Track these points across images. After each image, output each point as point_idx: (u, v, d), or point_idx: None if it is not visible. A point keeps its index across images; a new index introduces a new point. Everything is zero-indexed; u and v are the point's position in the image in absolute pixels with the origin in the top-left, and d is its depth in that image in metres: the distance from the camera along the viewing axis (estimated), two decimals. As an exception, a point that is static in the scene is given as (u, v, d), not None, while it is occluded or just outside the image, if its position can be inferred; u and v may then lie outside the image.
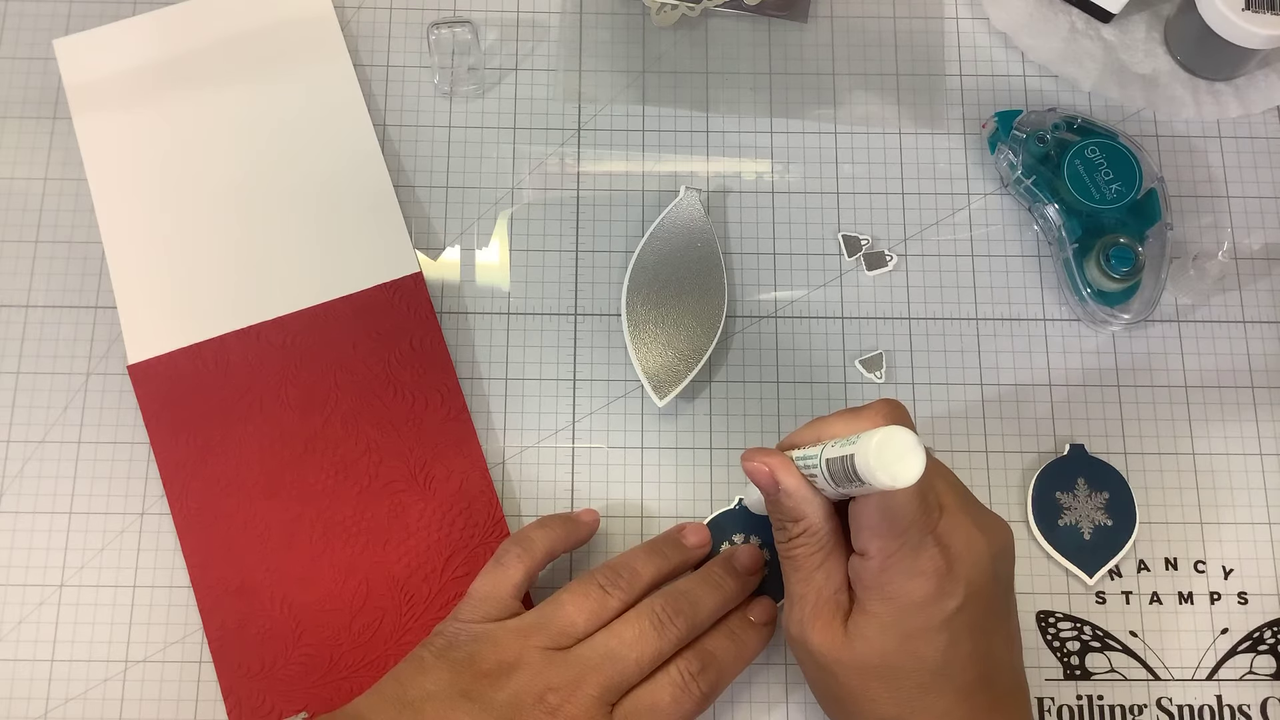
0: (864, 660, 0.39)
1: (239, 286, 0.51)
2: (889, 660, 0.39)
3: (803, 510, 0.41)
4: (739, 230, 0.53)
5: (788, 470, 0.41)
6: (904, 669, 0.39)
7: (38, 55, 0.54)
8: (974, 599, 0.39)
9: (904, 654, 0.39)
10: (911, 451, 0.34)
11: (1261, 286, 0.53)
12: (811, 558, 0.41)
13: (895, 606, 0.39)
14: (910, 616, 0.39)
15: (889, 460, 0.34)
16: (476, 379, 0.51)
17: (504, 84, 0.55)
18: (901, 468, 0.34)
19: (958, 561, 0.39)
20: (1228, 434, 0.51)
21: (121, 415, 0.50)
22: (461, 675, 0.41)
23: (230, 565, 0.47)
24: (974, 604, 0.39)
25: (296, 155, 0.53)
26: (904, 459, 0.34)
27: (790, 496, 0.41)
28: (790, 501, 0.41)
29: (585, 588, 0.43)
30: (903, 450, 0.34)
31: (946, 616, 0.38)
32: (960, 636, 0.39)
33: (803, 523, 0.41)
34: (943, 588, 0.38)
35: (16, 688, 0.47)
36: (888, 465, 0.34)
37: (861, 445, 0.35)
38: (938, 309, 0.52)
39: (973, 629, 0.39)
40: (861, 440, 0.35)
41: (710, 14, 0.56)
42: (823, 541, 0.41)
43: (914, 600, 0.38)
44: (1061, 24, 0.55)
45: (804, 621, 0.41)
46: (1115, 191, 0.51)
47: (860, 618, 0.40)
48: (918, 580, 0.38)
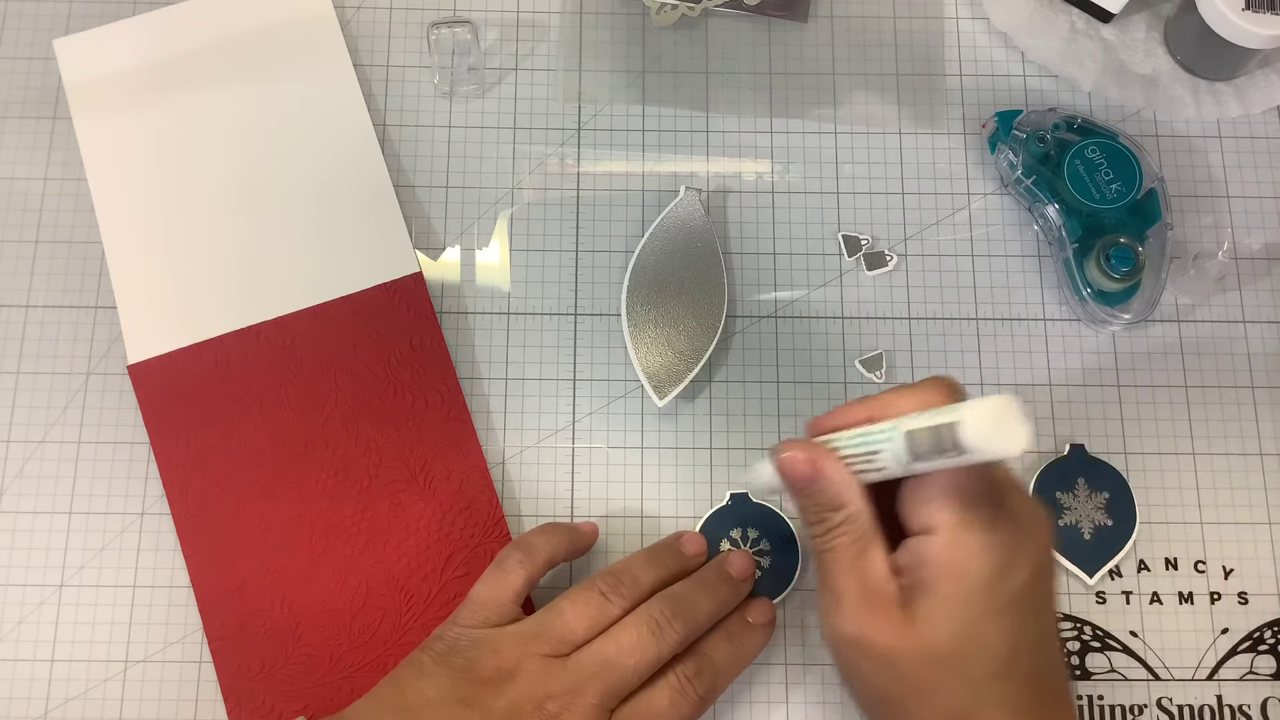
0: (932, 647, 0.37)
1: (239, 286, 0.51)
2: (959, 645, 0.37)
3: (844, 497, 0.39)
4: (739, 230, 0.53)
5: (829, 457, 0.39)
6: (973, 655, 0.37)
7: (38, 55, 0.54)
8: (1036, 576, 0.38)
9: (974, 637, 0.37)
10: (1022, 420, 0.34)
11: (1261, 286, 0.53)
12: (853, 546, 0.39)
13: (965, 585, 0.37)
14: (980, 595, 0.37)
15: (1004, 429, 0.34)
16: (476, 379, 0.51)
17: (504, 84, 0.55)
18: (1014, 437, 0.34)
19: (1026, 535, 0.38)
20: (1228, 434, 0.51)
21: (121, 415, 0.50)
22: (460, 682, 0.41)
23: (230, 565, 0.47)
24: (1036, 582, 0.38)
25: (296, 155, 0.53)
26: (1016, 428, 0.34)
27: (833, 484, 0.39)
28: (832, 489, 0.39)
29: (585, 594, 0.43)
30: (1016, 419, 0.34)
31: (1014, 594, 0.37)
32: (1026, 618, 0.38)
33: (845, 510, 0.39)
34: (1013, 561, 0.37)
35: (16, 688, 0.47)
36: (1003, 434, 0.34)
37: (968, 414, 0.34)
38: (938, 309, 0.52)
39: (1034, 609, 0.38)
40: (967, 409, 0.35)
41: (710, 14, 0.56)
42: (864, 529, 0.39)
43: (984, 576, 0.37)
44: (1061, 24, 0.55)
45: (858, 615, 0.38)
46: (1115, 191, 0.51)
47: (926, 601, 0.38)
48: (990, 554, 0.37)
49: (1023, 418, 0.34)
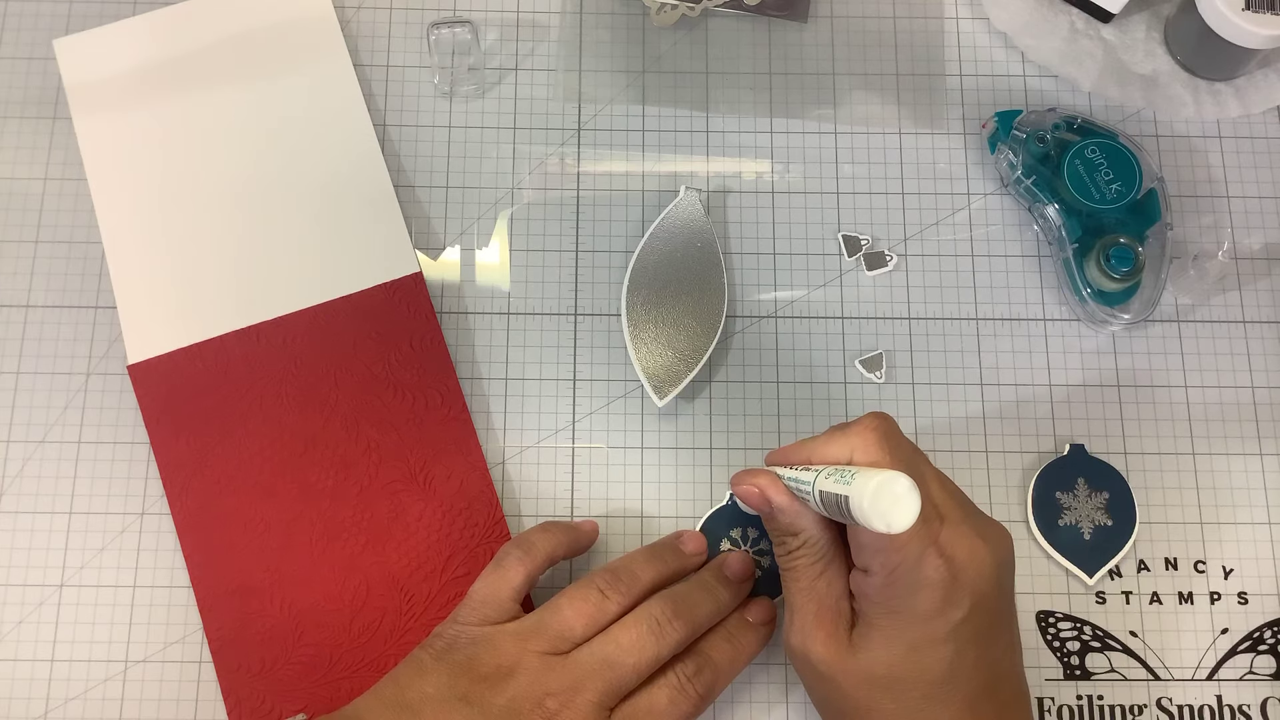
0: (869, 671, 0.39)
1: (239, 286, 0.51)
2: (894, 671, 0.39)
3: (798, 525, 0.41)
4: (739, 230, 0.53)
5: (776, 488, 0.41)
6: (909, 679, 0.39)
7: (38, 55, 0.54)
8: (978, 608, 0.39)
9: (909, 664, 0.39)
10: (906, 498, 0.34)
11: (1261, 286, 0.53)
12: (811, 568, 0.41)
13: (900, 620, 0.39)
14: (915, 628, 0.38)
15: (884, 507, 0.34)
16: (476, 379, 0.51)
17: (504, 84, 0.55)
18: (897, 514, 0.34)
19: (962, 572, 0.38)
20: (1228, 434, 0.51)
21: (121, 415, 0.50)
22: (460, 679, 0.41)
23: (230, 565, 0.47)
24: (978, 613, 0.39)
25: (296, 155, 0.53)
26: (899, 506, 0.34)
27: (784, 513, 0.41)
28: (785, 518, 0.41)
29: (584, 592, 0.43)
30: (897, 497, 0.34)
31: (952, 627, 0.38)
32: (965, 646, 0.39)
33: (800, 536, 0.41)
34: (948, 599, 0.38)
35: (16, 688, 0.47)
36: (883, 512, 0.34)
37: (857, 489, 0.35)
38: (938, 309, 0.52)
39: (977, 638, 0.39)
40: (857, 483, 0.35)
41: (710, 14, 0.56)
42: (822, 552, 0.41)
43: (919, 613, 0.38)
44: (1061, 24, 0.55)
45: (806, 631, 0.41)
46: (1115, 191, 0.51)
47: (864, 630, 0.40)
48: (922, 593, 0.38)
49: (909, 494, 0.34)
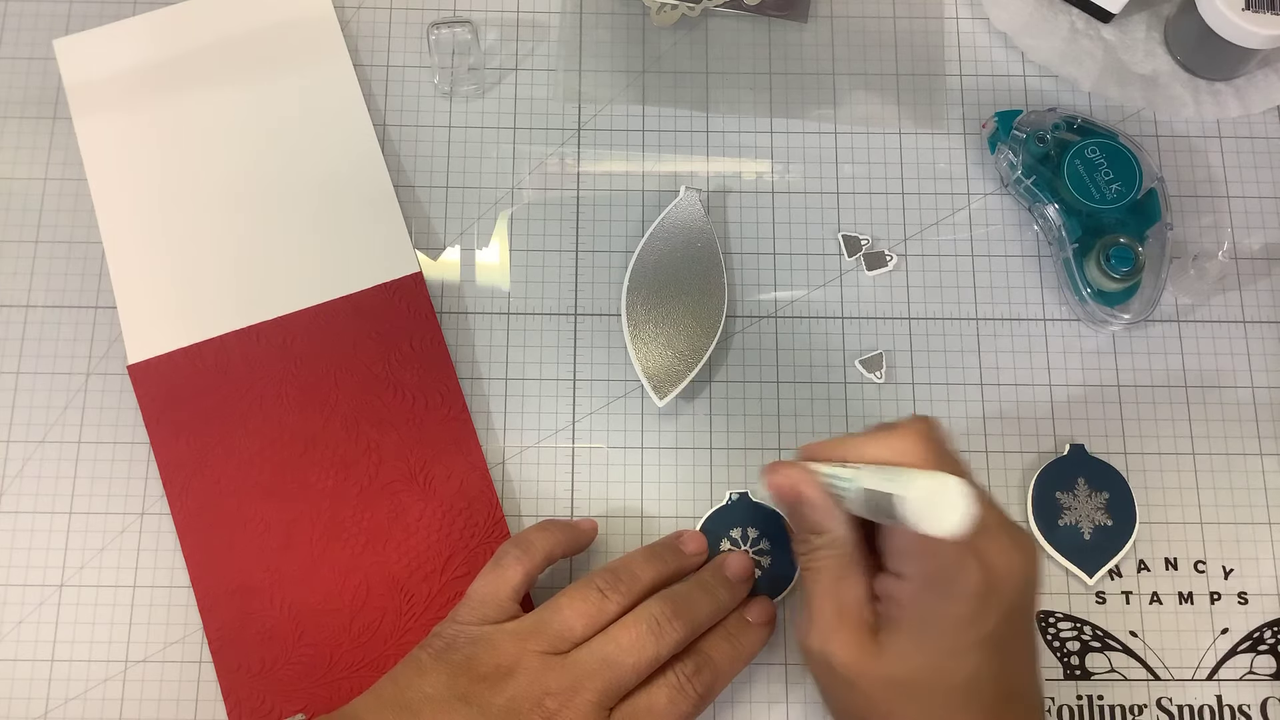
0: (892, 675, 0.39)
1: (239, 286, 0.51)
2: (918, 676, 0.38)
3: (826, 524, 0.40)
4: (739, 230, 0.53)
5: (810, 484, 0.40)
6: (933, 685, 0.38)
7: (38, 55, 0.54)
8: (1007, 619, 0.38)
9: (935, 670, 0.38)
10: (961, 503, 0.32)
11: (1261, 286, 0.53)
12: (834, 568, 0.40)
13: (930, 626, 0.38)
14: (946, 635, 0.38)
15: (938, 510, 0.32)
16: (476, 379, 0.51)
17: (504, 84, 0.55)
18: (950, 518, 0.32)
19: (1000, 582, 0.37)
20: (1228, 434, 0.51)
21: (121, 415, 0.50)
22: (459, 679, 0.41)
23: (230, 565, 0.47)
24: (1006, 623, 0.38)
25: (296, 155, 0.53)
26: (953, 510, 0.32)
27: (814, 509, 0.40)
28: (814, 514, 0.41)
29: (584, 591, 0.43)
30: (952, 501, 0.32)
31: (982, 636, 0.38)
32: (992, 655, 0.38)
33: (826, 535, 0.41)
34: (983, 608, 0.37)
35: (16, 688, 0.47)
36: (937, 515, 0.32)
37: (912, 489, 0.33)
38: (938, 309, 0.52)
39: (1003, 647, 0.39)
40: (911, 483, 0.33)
41: (710, 14, 0.56)
42: (846, 553, 0.40)
43: (951, 620, 0.38)
44: (1061, 24, 0.55)
45: (826, 634, 0.40)
46: (1115, 191, 0.51)
47: (893, 634, 0.39)
48: (958, 602, 0.37)
49: (966, 499, 0.33)
